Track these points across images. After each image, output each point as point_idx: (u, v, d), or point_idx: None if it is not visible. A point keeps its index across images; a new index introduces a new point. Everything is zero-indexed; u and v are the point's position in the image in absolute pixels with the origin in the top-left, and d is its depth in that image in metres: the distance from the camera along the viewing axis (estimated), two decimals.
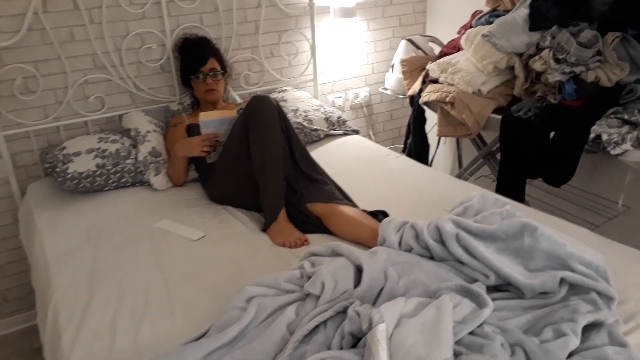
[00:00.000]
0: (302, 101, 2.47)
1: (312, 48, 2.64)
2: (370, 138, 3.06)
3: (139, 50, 2.23)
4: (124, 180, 1.98)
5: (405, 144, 2.60)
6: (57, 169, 1.88)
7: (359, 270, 1.20)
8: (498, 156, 2.33)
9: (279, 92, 2.54)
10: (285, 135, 1.73)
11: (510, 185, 2.06)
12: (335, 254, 1.27)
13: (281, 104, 2.42)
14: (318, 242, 1.59)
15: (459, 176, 2.60)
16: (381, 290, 1.17)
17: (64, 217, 1.80)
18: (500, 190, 2.08)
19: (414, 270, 1.24)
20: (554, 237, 1.19)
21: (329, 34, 2.72)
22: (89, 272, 1.48)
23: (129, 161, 1.99)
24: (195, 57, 2.13)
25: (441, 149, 3.09)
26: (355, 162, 2.15)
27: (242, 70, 2.51)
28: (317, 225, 1.65)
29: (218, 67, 2.16)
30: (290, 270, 1.25)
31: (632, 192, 2.14)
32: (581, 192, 2.27)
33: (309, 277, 1.19)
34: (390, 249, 1.34)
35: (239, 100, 2.40)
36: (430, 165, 2.90)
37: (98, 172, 1.92)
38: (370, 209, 1.69)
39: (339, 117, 2.47)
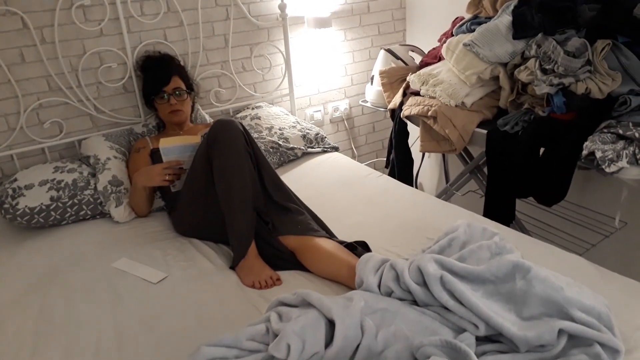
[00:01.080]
0: (277, 118, 2.33)
1: (287, 61, 2.50)
2: (352, 152, 2.93)
3: (98, 70, 2.07)
4: (82, 213, 1.82)
5: (387, 159, 2.47)
6: (6, 205, 1.71)
7: (332, 324, 1.06)
8: (486, 170, 2.21)
9: (253, 108, 2.40)
10: (254, 161, 1.59)
11: (499, 205, 1.94)
12: (306, 303, 1.13)
13: (255, 122, 2.28)
14: (292, 280, 1.45)
15: (444, 192, 2.47)
16: (357, 347, 1.03)
17: (14, 258, 1.64)
18: (489, 209, 1.95)
19: (394, 319, 1.10)
20: (549, 279, 1.06)
21: (304, 45, 2.59)
22: (34, 325, 1.32)
23: (87, 192, 1.84)
24: (157, 76, 1.98)
25: (427, 162, 2.96)
26: (334, 183, 2.01)
27: (212, 86, 2.36)
28: (291, 261, 1.50)
29: (183, 85, 2.01)
30: (253, 325, 1.10)
31: (628, 206, 2.02)
32: (575, 207, 2.15)
33: (276, 335, 1.04)
34: (368, 293, 1.20)
35: (208, 119, 2.25)
36: (416, 180, 2.78)
37: (53, 206, 1.76)
38: (349, 240, 1.56)
39: (317, 134, 2.33)
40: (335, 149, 2.35)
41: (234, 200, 1.52)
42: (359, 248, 1.49)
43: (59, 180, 1.82)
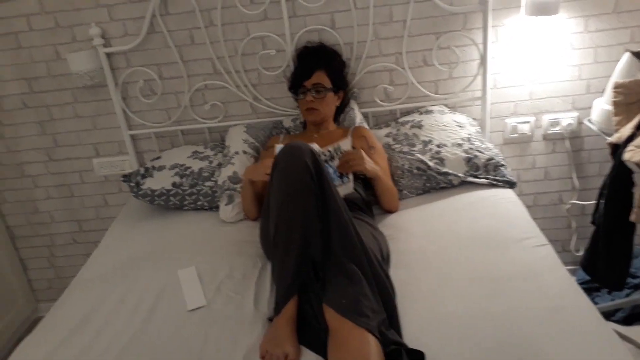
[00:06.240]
0: (444, 130, 1.85)
1: (483, 56, 1.93)
2: (572, 183, 2.16)
3: (258, 56, 1.98)
4: (199, 203, 1.82)
5: (595, 212, 1.71)
6: (132, 183, 1.83)
7: None
8: None
9: (421, 113, 1.96)
10: (319, 202, 1.26)
11: None
12: None
13: (414, 131, 1.86)
14: None
15: None
16: None
17: (125, 235, 1.77)
18: None
19: None
20: None
21: (514, 36, 1.94)
22: (81, 311, 1.37)
23: (208, 183, 1.82)
24: (301, 69, 1.79)
25: None
26: (467, 239, 1.46)
27: (380, 82, 2.01)
28: (322, 342, 1.15)
29: (327, 82, 1.76)
30: None
31: None
32: None
33: None
34: None
35: (358, 121, 1.93)
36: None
37: (173, 192, 1.80)
38: (410, 342, 1.12)
39: (490, 160, 1.75)
40: (511, 185, 1.74)
41: (280, 241, 1.24)
42: None
43: (187, 167, 1.85)
